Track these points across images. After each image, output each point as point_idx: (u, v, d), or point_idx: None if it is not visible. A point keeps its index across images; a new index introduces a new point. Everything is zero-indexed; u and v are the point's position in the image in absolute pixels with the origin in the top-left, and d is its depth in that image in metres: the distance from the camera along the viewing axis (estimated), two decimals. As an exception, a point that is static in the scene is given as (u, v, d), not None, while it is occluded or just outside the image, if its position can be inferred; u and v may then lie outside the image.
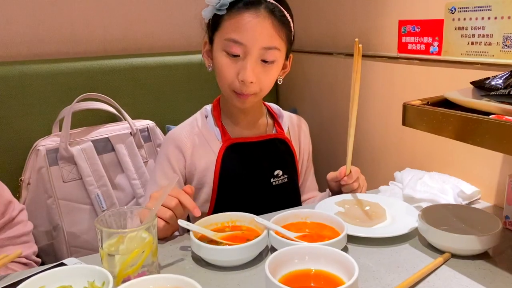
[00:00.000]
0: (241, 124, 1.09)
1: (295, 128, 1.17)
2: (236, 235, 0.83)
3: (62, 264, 0.77)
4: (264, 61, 0.97)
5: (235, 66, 0.97)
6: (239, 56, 0.96)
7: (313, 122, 1.22)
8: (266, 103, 1.16)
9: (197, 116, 1.11)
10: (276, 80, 1.05)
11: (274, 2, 0.96)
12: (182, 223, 0.80)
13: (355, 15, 1.39)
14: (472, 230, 0.83)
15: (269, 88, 1.02)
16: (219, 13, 0.96)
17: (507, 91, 0.68)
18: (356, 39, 0.89)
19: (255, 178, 1.06)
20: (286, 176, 1.10)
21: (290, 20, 1.00)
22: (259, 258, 0.81)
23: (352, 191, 1.03)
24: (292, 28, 1.02)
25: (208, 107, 1.12)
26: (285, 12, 0.98)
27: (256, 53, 0.95)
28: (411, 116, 0.75)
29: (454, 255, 0.79)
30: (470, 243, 0.77)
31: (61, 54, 1.51)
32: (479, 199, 1.05)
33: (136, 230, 0.70)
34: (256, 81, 0.97)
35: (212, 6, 0.97)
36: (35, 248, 1.02)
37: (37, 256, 1.04)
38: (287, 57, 1.05)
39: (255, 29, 0.94)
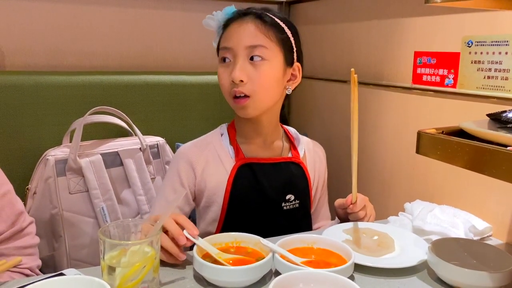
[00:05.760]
0: (256, 144, 1.07)
1: (311, 154, 1.14)
2: (241, 259, 0.81)
3: (62, 275, 0.75)
4: (252, 60, 0.98)
5: (227, 71, 1.00)
6: (230, 61, 1.00)
7: (323, 148, 1.20)
8: (284, 126, 1.15)
9: (213, 133, 1.10)
10: (286, 92, 1.05)
11: (261, 11, 1.02)
12: (189, 235, 0.79)
13: (370, 44, 1.40)
14: (483, 267, 0.80)
15: (265, 92, 0.99)
16: (219, 34, 1.03)
17: (525, 124, 0.67)
18: (352, 69, 0.89)
19: (266, 200, 1.04)
20: (298, 201, 1.07)
21: (285, 26, 1.02)
22: (262, 281, 0.78)
23: (359, 219, 1.01)
24: (290, 35, 1.02)
25: (225, 125, 1.12)
26: (275, 19, 1.01)
27: (242, 53, 0.98)
28: (425, 144, 0.74)
29: (464, 291, 0.77)
30: (482, 279, 0.75)
31: (78, 67, 1.53)
32: (490, 235, 1.03)
33: (139, 244, 0.68)
34: (247, 80, 0.97)
35: (215, 31, 1.04)
36: (39, 262, 1.02)
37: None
38: (289, 63, 1.03)
39: (239, 32, 0.99)
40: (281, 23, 1.01)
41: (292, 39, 1.03)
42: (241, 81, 0.96)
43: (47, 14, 1.47)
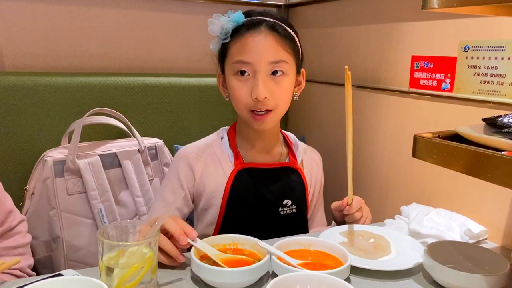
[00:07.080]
0: (256, 149, 1.08)
1: (309, 160, 1.15)
2: (239, 260, 0.82)
3: (60, 275, 0.76)
4: (274, 75, 0.98)
5: (246, 86, 0.98)
6: (249, 75, 0.97)
7: (320, 151, 1.21)
8: (283, 131, 1.15)
9: (213, 136, 1.10)
10: (292, 97, 1.05)
11: (273, 20, 0.99)
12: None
13: (368, 48, 1.41)
14: (478, 270, 0.81)
15: (285, 104, 1.02)
16: (225, 41, 1.00)
17: (520, 129, 0.68)
18: (346, 66, 0.89)
19: (263, 205, 1.04)
20: (295, 206, 1.07)
21: (294, 35, 1.01)
22: (259, 283, 0.79)
23: (355, 221, 1.02)
24: (298, 42, 1.03)
25: (225, 129, 1.12)
26: (287, 28, 1.00)
27: (264, 69, 0.96)
28: (422, 148, 0.74)
29: (459, 294, 0.77)
30: (477, 282, 0.75)
31: (77, 68, 1.54)
32: (486, 239, 1.03)
33: (138, 245, 0.69)
34: (269, 96, 0.97)
35: (218, 36, 1.00)
36: (31, 261, 1.00)
37: (34, 268, 1.02)
38: (298, 72, 1.05)
39: (259, 46, 0.96)
40: (292, 32, 1.01)
41: (300, 46, 1.03)
42: (265, 98, 0.96)
43: (46, 15, 1.47)
